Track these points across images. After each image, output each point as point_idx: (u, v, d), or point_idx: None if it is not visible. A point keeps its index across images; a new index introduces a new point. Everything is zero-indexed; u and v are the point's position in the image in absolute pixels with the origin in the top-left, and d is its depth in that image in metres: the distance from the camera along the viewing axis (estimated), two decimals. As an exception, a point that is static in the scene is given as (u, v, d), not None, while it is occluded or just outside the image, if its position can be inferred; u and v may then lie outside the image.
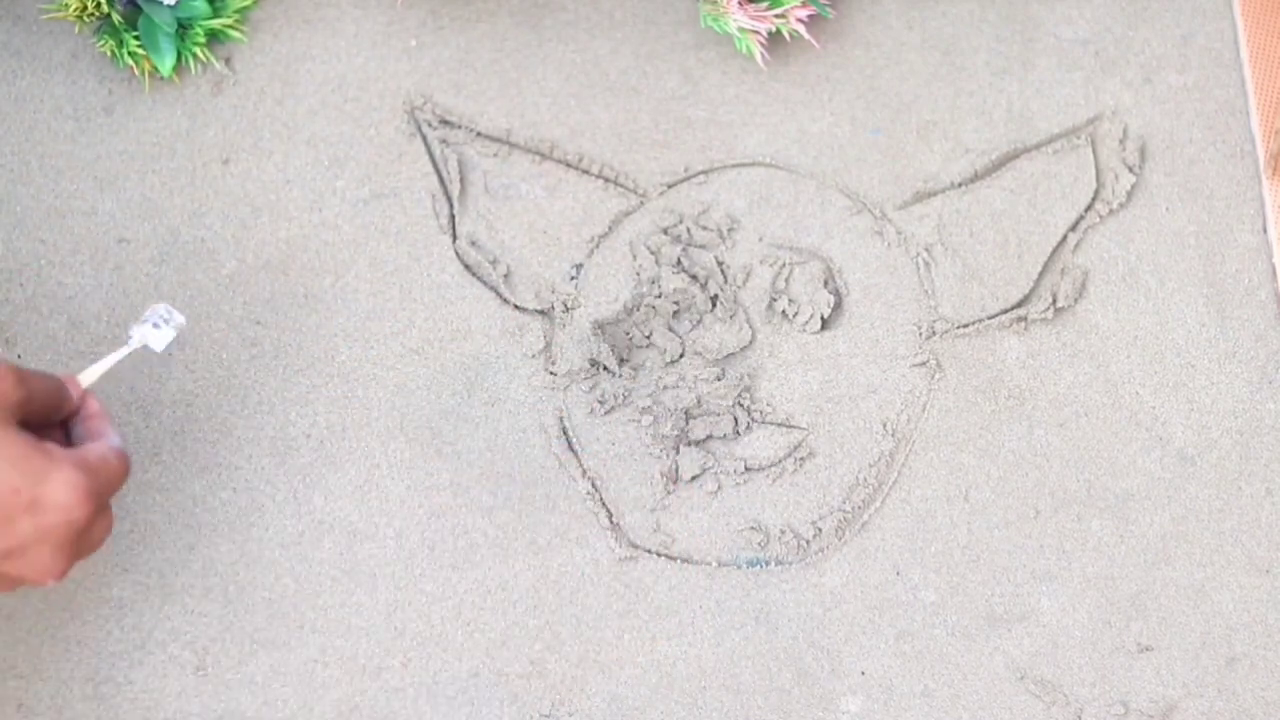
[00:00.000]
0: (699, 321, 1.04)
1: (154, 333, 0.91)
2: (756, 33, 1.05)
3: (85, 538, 0.82)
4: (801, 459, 1.02)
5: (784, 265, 1.04)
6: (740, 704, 0.98)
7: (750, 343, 1.04)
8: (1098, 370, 1.03)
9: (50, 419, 0.86)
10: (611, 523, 1.01)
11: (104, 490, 0.82)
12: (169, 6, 1.04)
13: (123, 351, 0.90)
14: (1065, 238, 1.06)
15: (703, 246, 1.05)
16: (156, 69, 1.06)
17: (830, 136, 1.08)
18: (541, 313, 1.04)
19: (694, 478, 1.01)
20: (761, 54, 1.05)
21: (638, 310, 1.03)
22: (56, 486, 0.79)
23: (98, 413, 0.88)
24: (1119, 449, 1.02)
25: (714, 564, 1.00)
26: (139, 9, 1.05)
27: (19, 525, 0.79)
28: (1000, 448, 1.02)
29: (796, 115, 1.08)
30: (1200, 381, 1.03)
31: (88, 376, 0.88)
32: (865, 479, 1.01)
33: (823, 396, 1.03)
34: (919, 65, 1.09)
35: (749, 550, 1.00)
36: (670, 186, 1.06)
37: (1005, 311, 1.04)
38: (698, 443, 1.01)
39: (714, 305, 1.04)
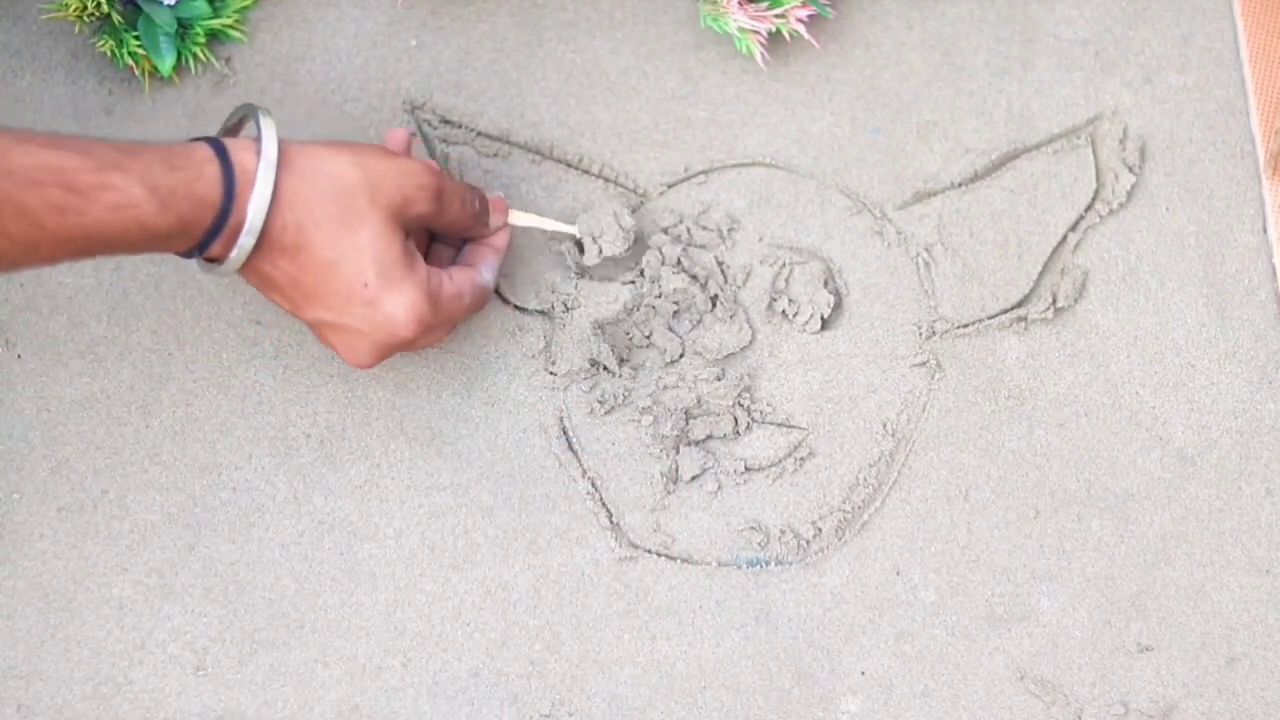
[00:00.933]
0: (699, 321, 1.04)
1: (591, 246, 1.01)
2: (756, 33, 1.05)
3: (408, 346, 0.92)
4: (801, 459, 1.02)
5: (784, 265, 1.04)
6: (740, 704, 0.98)
7: (750, 343, 1.04)
8: (1098, 370, 1.03)
9: (454, 234, 0.97)
10: (611, 523, 1.01)
11: (441, 321, 0.92)
12: (169, 6, 1.04)
13: (560, 227, 1.01)
14: (1065, 238, 1.06)
15: (703, 246, 1.05)
16: (156, 69, 1.06)
17: (830, 136, 1.08)
18: (541, 313, 1.04)
19: (694, 478, 1.01)
20: (761, 54, 1.05)
21: (638, 310, 1.03)
22: (399, 300, 0.89)
23: (497, 246, 0.99)
24: (1119, 449, 1.02)
25: (714, 564, 1.00)
26: (139, 9, 1.05)
27: (353, 310, 0.88)
28: (1000, 448, 1.02)
29: (796, 115, 1.08)
30: (1200, 381, 1.03)
31: (518, 217, 1.00)
32: (865, 479, 1.01)
33: (823, 396, 1.03)
34: (919, 65, 1.09)
35: (749, 550, 1.00)
36: (670, 186, 1.06)
37: (1005, 311, 1.04)
38: (698, 443, 1.01)
39: (714, 305, 1.04)
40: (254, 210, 0.85)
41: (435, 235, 0.99)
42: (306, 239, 0.87)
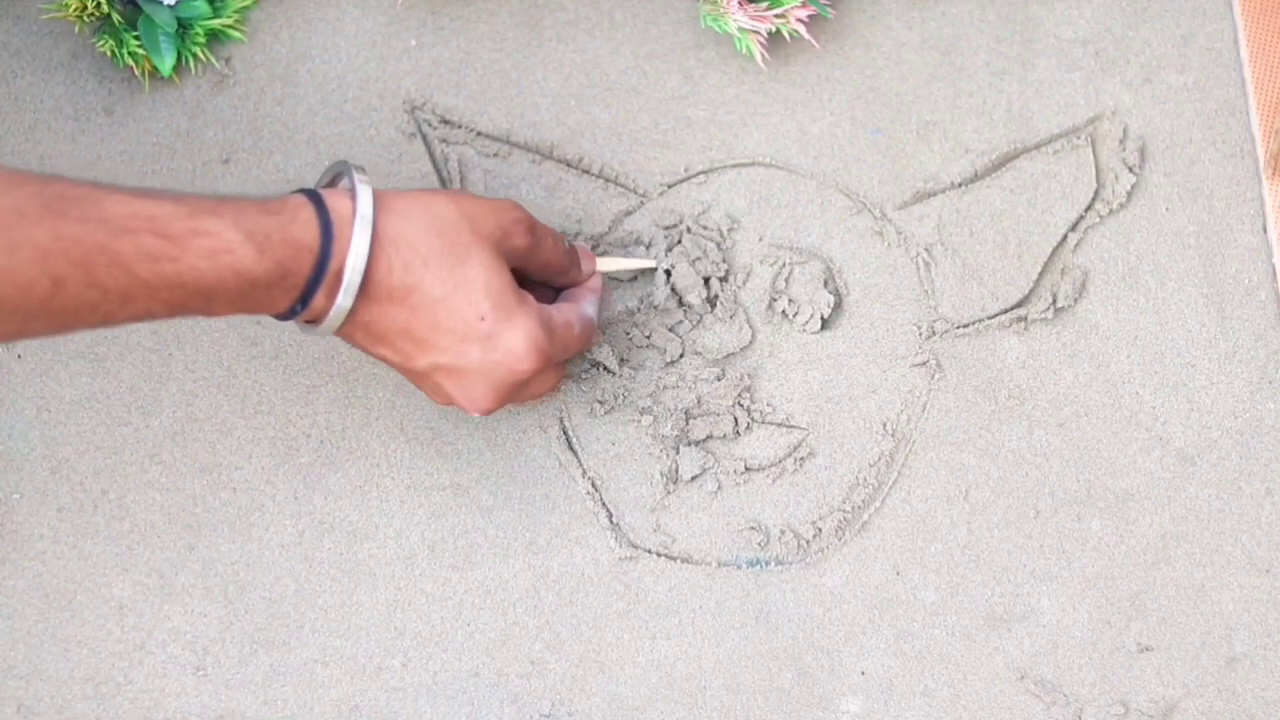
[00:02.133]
0: (699, 321, 1.04)
1: (668, 278, 1.00)
2: (756, 33, 1.05)
3: (524, 387, 0.90)
4: (801, 459, 1.02)
5: (784, 265, 1.04)
6: (740, 704, 0.98)
7: (750, 343, 1.04)
8: (1098, 370, 1.03)
9: (549, 280, 0.95)
10: (611, 523, 1.00)
11: (557, 353, 0.90)
12: (169, 6, 1.04)
13: (644, 263, 1.00)
14: (1065, 238, 1.06)
15: (703, 246, 1.05)
16: (156, 69, 1.06)
17: (830, 136, 1.08)
18: (541, 313, 1.04)
19: (694, 478, 1.01)
20: (761, 54, 1.05)
21: (638, 310, 1.03)
22: (515, 332, 0.86)
23: (594, 287, 0.98)
24: (1119, 449, 1.02)
25: (714, 564, 1.00)
26: (139, 9, 1.05)
27: (469, 350, 0.86)
28: (1000, 448, 1.02)
29: (796, 115, 1.08)
30: (1200, 381, 1.03)
31: (606, 263, 0.99)
32: (865, 479, 1.01)
33: (823, 396, 1.03)
34: (919, 65, 1.09)
35: (749, 550, 1.00)
36: (670, 186, 1.06)
37: (1005, 311, 1.04)
38: (698, 443, 1.01)
39: (714, 305, 1.04)
40: (355, 253, 0.82)
41: (527, 284, 0.96)
42: (415, 278, 0.84)
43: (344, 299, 0.83)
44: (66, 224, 0.75)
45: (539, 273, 0.94)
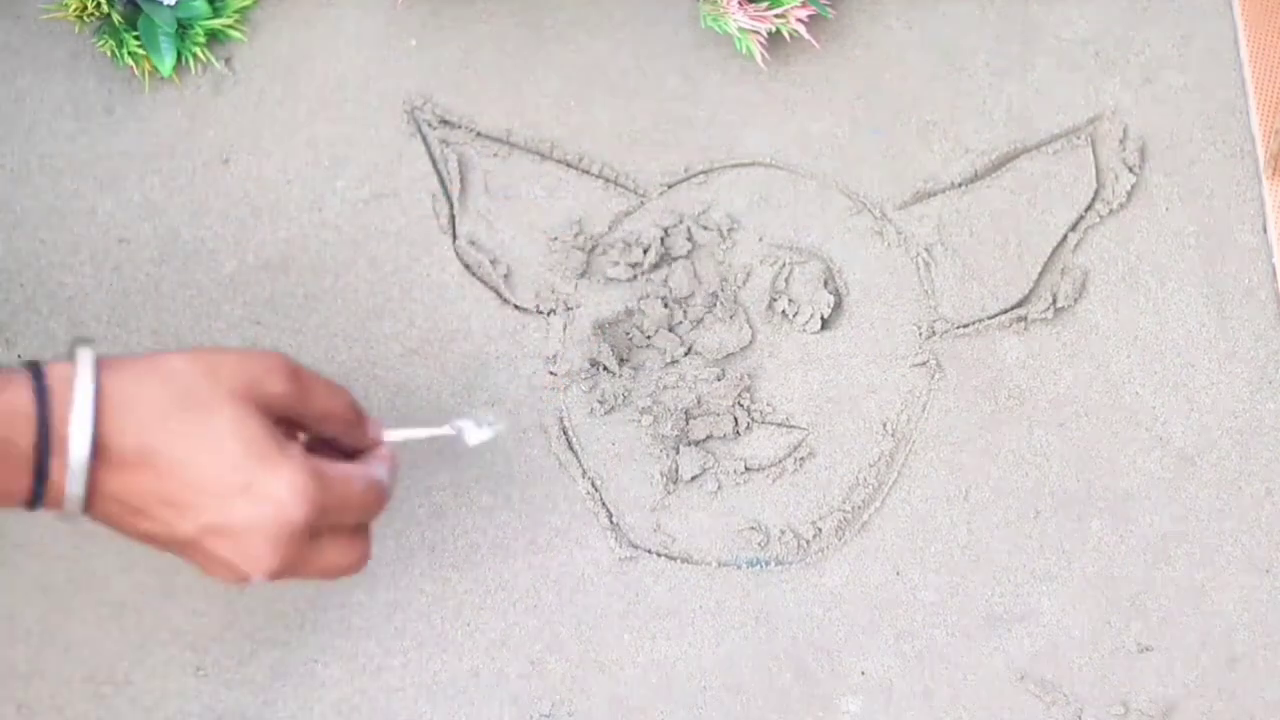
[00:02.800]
0: (699, 321, 1.04)
1: (474, 430, 0.89)
2: (756, 33, 1.05)
3: (310, 550, 0.81)
4: (801, 459, 1.02)
5: (784, 265, 1.04)
6: (740, 704, 0.98)
7: (750, 343, 1.04)
8: (1098, 370, 1.03)
9: (336, 437, 0.85)
10: (611, 523, 1.00)
11: (331, 504, 0.80)
12: (169, 6, 1.04)
13: (435, 431, 0.89)
14: (1065, 238, 1.06)
15: (703, 246, 1.05)
16: (156, 69, 1.06)
17: (830, 136, 1.08)
18: (541, 313, 1.04)
19: (694, 478, 1.01)
20: (761, 54, 1.05)
21: (638, 310, 1.03)
22: (276, 479, 0.78)
23: (386, 456, 0.86)
24: (1119, 449, 1.02)
25: (714, 564, 1.00)
26: (139, 9, 1.05)
27: (233, 504, 0.78)
28: (1000, 448, 1.02)
29: (796, 115, 1.08)
30: (1200, 381, 1.03)
31: (393, 434, 0.87)
32: (865, 479, 1.01)
33: (823, 396, 1.03)
34: (919, 65, 1.09)
35: (749, 550, 1.00)
36: (670, 186, 1.06)
37: (1005, 311, 1.04)
38: (698, 443, 1.01)
39: (714, 305, 1.04)
40: (78, 411, 0.75)
41: (315, 449, 0.86)
42: (153, 438, 0.77)
43: (75, 460, 0.76)
44: None
45: (318, 426, 0.84)
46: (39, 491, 0.77)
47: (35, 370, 0.77)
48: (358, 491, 0.82)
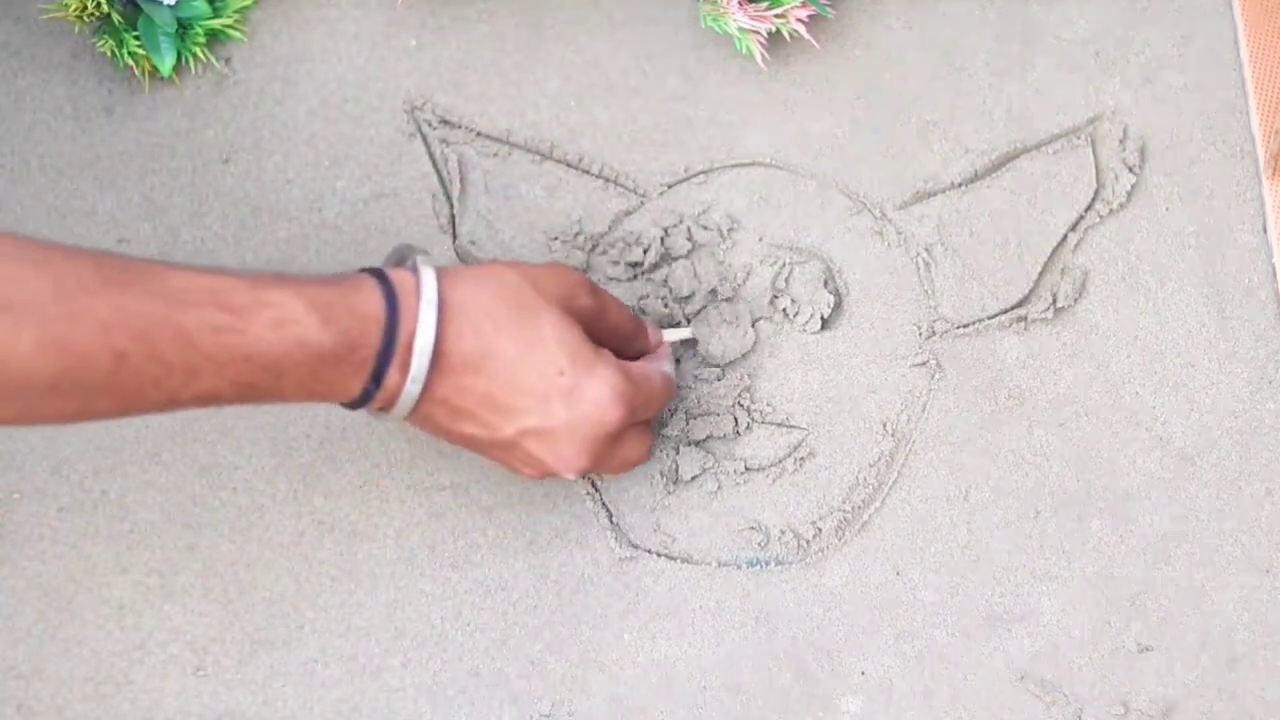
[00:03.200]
0: (700, 323, 1.04)
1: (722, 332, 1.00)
2: (756, 33, 1.05)
3: (614, 446, 0.88)
4: (801, 459, 1.02)
5: (784, 265, 1.04)
6: (740, 704, 0.98)
7: (753, 347, 1.03)
8: (1098, 370, 1.03)
9: (618, 348, 0.92)
10: (611, 523, 1.00)
11: (639, 403, 0.88)
12: (169, 6, 1.04)
13: (683, 333, 0.99)
14: (1065, 238, 1.06)
15: (703, 246, 1.05)
16: (156, 69, 1.06)
17: (830, 136, 1.08)
18: (541, 313, 1.04)
19: (694, 478, 1.01)
20: (761, 54, 1.05)
21: (638, 310, 1.03)
22: (597, 382, 0.85)
23: (665, 351, 0.97)
24: (1119, 449, 1.02)
25: (714, 564, 1.00)
26: (139, 9, 1.05)
27: (554, 408, 0.84)
28: (1000, 448, 1.02)
29: (796, 115, 1.08)
30: (1200, 381, 1.03)
31: (671, 333, 0.99)
32: (865, 479, 1.01)
33: (823, 396, 1.03)
34: (919, 65, 1.09)
35: (749, 550, 1.00)
36: (670, 186, 1.06)
37: (1005, 311, 1.04)
38: (698, 443, 1.01)
39: (716, 307, 1.04)
40: (424, 320, 0.81)
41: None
42: (488, 342, 0.83)
43: (417, 367, 0.81)
44: (127, 295, 0.74)
45: (607, 338, 0.92)
46: (370, 393, 0.81)
47: (381, 276, 0.82)
48: (658, 388, 0.91)
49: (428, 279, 0.82)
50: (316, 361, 0.79)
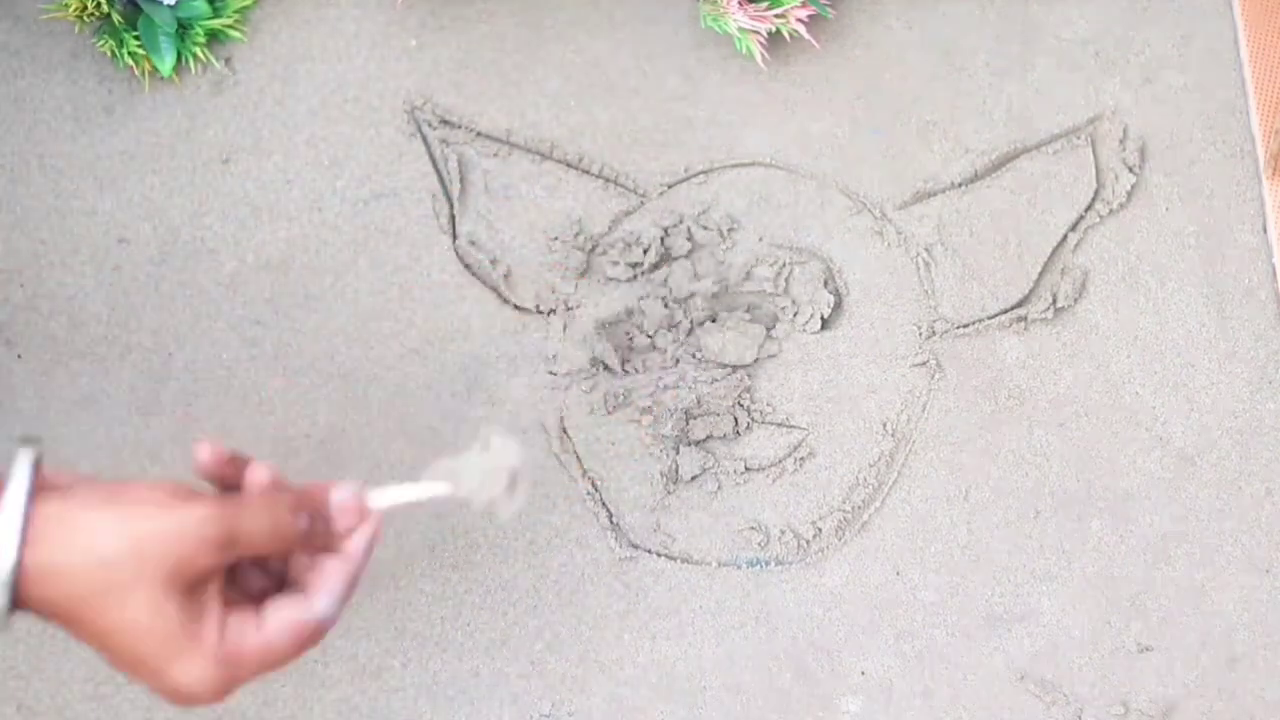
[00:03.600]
0: (700, 322, 1.04)
1: (503, 498, 0.75)
2: (756, 33, 1.05)
3: (217, 699, 0.78)
4: (801, 459, 1.02)
5: (784, 265, 1.04)
6: (740, 704, 0.98)
7: (757, 354, 1.04)
8: (1098, 370, 1.04)
9: (290, 554, 0.79)
10: (611, 523, 1.01)
11: (248, 674, 0.78)
12: (169, 6, 1.04)
13: (432, 491, 0.75)
14: (1065, 238, 1.06)
15: (703, 246, 1.05)
16: (156, 69, 1.06)
17: (830, 136, 1.08)
18: (541, 313, 1.04)
19: (694, 478, 1.01)
20: (761, 54, 1.05)
21: (638, 310, 1.03)
22: (183, 672, 0.77)
23: (348, 556, 0.79)
24: (1119, 449, 1.02)
25: (714, 564, 1.00)
26: (139, 9, 1.05)
27: (144, 677, 0.77)
28: (1000, 448, 1.02)
29: (796, 115, 1.08)
30: (1200, 381, 1.03)
31: (382, 497, 0.77)
32: (865, 479, 1.01)
33: (823, 396, 1.03)
34: (919, 65, 1.09)
35: (749, 550, 1.00)
36: (670, 186, 1.06)
37: (1005, 311, 1.04)
38: (698, 443, 1.01)
39: (716, 311, 1.04)
40: (1, 575, 0.73)
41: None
42: (73, 612, 0.75)
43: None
44: None
45: (271, 557, 0.79)
46: None
47: None
48: (281, 652, 0.78)
49: (5, 545, 0.74)
50: None
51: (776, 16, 1.05)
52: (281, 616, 0.78)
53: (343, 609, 0.79)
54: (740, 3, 1.04)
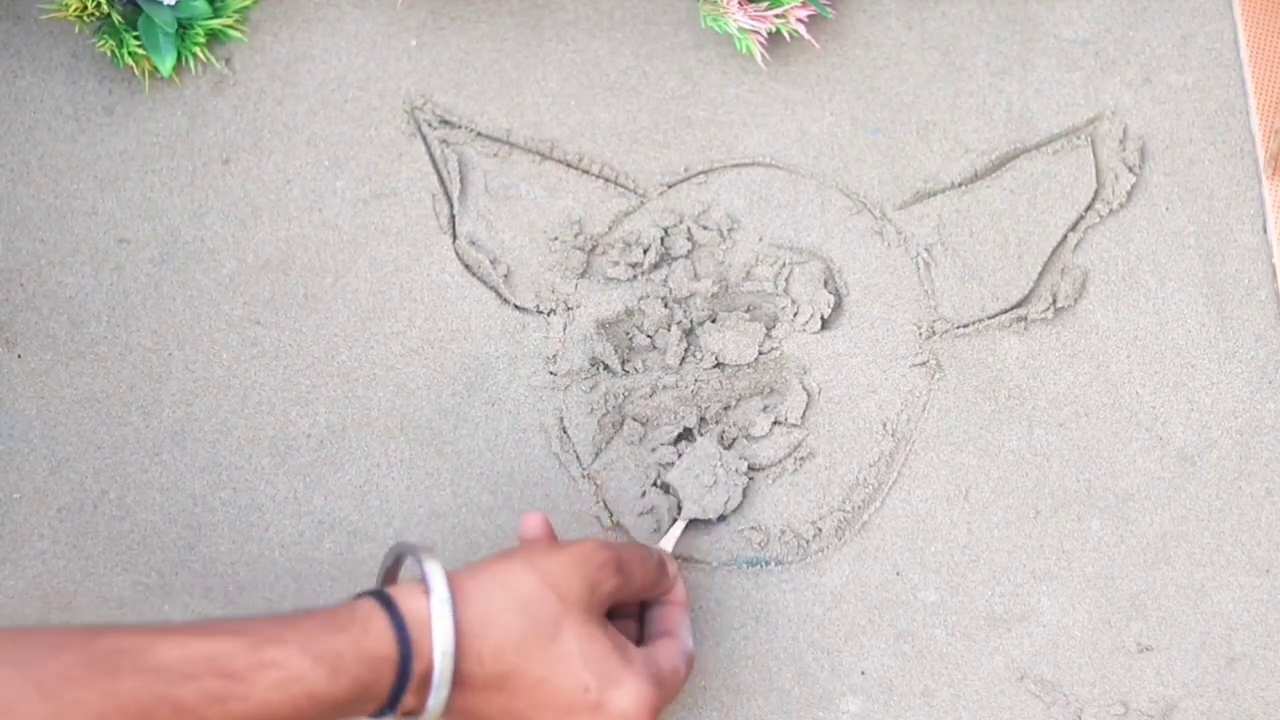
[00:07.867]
0: (700, 322, 1.04)
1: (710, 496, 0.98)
2: (756, 33, 1.05)
3: None
4: (801, 459, 1.02)
5: (784, 265, 1.04)
6: (740, 704, 0.98)
7: (757, 356, 1.03)
8: (1098, 370, 1.03)
9: (645, 598, 0.89)
10: (612, 523, 1.00)
11: (666, 703, 0.84)
12: (169, 6, 1.04)
13: (678, 529, 0.97)
14: (1065, 238, 1.06)
15: (703, 246, 1.05)
16: (156, 69, 1.06)
17: (830, 136, 1.08)
18: (541, 313, 1.04)
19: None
20: (761, 54, 1.05)
21: (638, 310, 1.03)
22: (624, 696, 0.81)
23: (681, 602, 0.91)
24: (1119, 449, 1.02)
25: (714, 564, 1.00)
26: (139, 9, 1.05)
27: (580, 718, 0.81)
28: (1000, 448, 1.02)
29: (796, 115, 1.08)
30: (1200, 381, 1.03)
31: (666, 542, 0.96)
32: (865, 479, 1.01)
33: (823, 396, 1.03)
34: (919, 65, 1.09)
35: (749, 550, 1.00)
36: (670, 186, 1.06)
37: (1005, 311, 1.04)
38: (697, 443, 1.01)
39: (714, 306, 1.04)
40: (440, 654, 0.78)
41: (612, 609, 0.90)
42: (508, 664, 0.79)
43: (436, 700, 0.78)
44: (119, 680, 0.71)
45: (630, 600, 0.88)
46: (387, 711, 0.79)
47: (387, 603, 0.79)
48: (683, 678, 0.87)
49: (440, 609, 0.79)
50: (327, 708, 0.76)
51: (776, 16, 1.05)
52: (670, 647, 0.86)
53: (693, 661, 0.89)
54: (740, 3, 1.04)
